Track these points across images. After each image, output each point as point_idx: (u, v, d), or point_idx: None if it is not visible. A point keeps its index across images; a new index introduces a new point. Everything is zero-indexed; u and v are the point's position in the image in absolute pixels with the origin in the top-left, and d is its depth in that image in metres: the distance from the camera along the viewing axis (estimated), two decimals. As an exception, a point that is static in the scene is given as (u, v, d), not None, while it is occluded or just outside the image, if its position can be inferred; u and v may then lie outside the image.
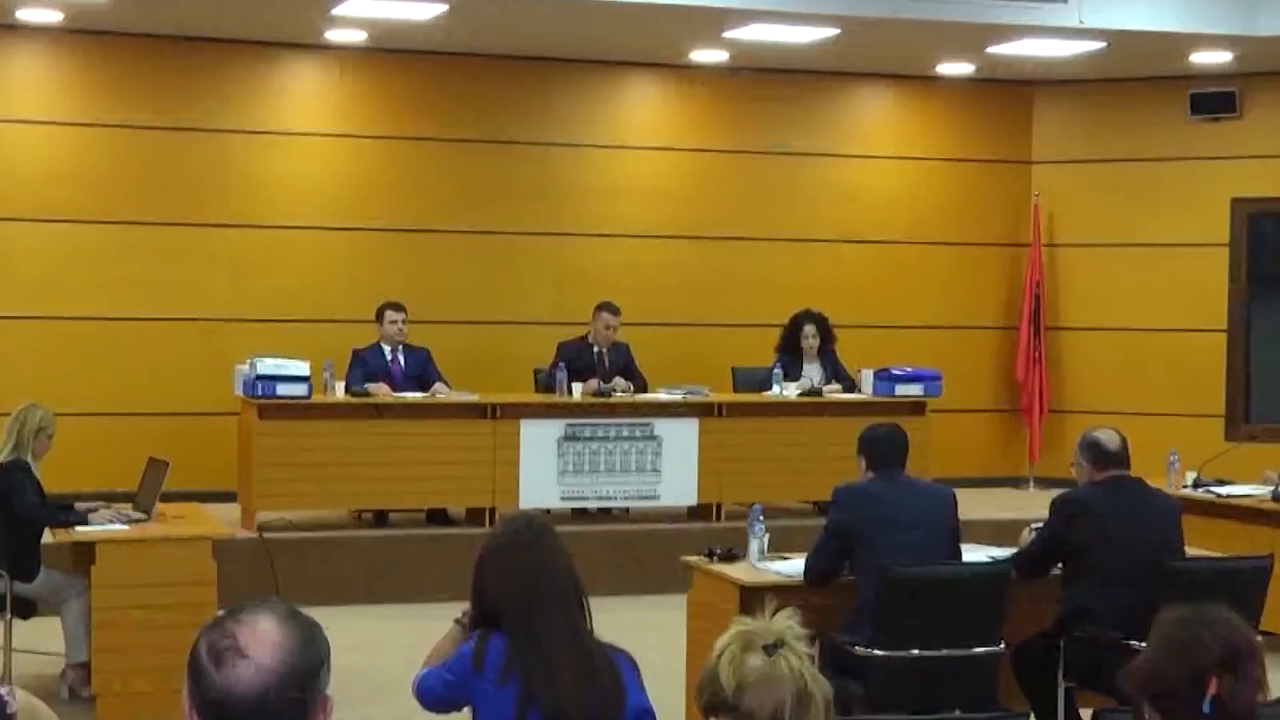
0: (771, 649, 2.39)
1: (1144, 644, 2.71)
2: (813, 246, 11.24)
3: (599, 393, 9.28)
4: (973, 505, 9.02)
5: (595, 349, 9.68)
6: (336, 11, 9.31)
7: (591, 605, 3.39)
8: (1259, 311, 11.21)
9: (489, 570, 3.37)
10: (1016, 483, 11.47)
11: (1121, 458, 5.60)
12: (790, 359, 9.91)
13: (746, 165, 11.17)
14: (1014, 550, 5.85)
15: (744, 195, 11.16)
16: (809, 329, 9.93)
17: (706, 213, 11.07)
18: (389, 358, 9.31)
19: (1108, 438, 5.62)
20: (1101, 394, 11.36)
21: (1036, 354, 11.38)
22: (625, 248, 10.91)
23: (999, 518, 9.40)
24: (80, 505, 6.72)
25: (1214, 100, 11.06)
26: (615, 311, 9.66)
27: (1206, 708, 2.51)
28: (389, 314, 9.29)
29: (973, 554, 5.87)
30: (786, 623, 2.43)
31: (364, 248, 10.47)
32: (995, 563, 5.65)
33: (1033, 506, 9.07)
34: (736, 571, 5.72)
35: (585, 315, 9.79)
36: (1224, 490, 7.94)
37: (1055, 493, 5.86)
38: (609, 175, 10.92)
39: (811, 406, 9.60)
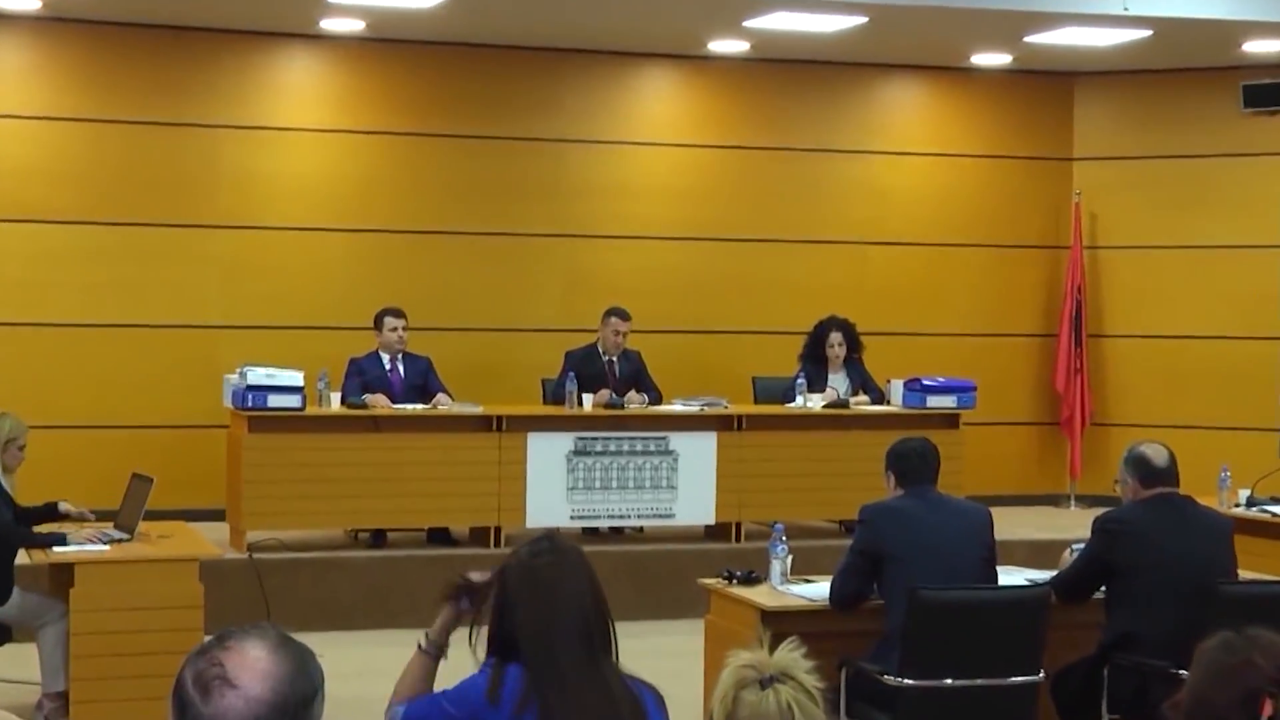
0: (766, 683, 2.45)
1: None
2: (839, 248, 11.24)
3: (611, 404, 9.28)
4: (1009, 524, 9.03)
5: (605, 357, 9.68)
6: (332, -1, 9.34)
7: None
8: (1316, 318, 11.18)
9: (507, 592, 3.34)
10: (1056, 500, 11.45)
11: (1169, 474, 5.59)
12: (815, 368, 9.91)
13: (768, 162, 11.18)
14: (1053, 573, 5.84)
15: (765, 194, 11.17)
16: (835, 336, 9.92)
17: (725, 212, 11.08)
18: (388, 367, 9.32)
19: (1155, 453, 5.61)
20: (1147, 406, 11.33)
21: (1078, 363, 11.36)
22: (639, 250, 10.92)
23: (1037, 538, 9.42)
24: (61, 506, 6.75)
25: (1268, 93, 11.02)
26: (625, 316, 9.66)
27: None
28: (388, 320, 9.30)
29: (1010, 576, 5.87)
30: (790, 655, 2.48)
31: (362, 250, 10.49)
32: (1034, 585, 5.65)
33: (1074, 526, 9.08)
34: (757, 595, 5.72)
35: (596, 321, 9.79)
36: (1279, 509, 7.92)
37: (1098, 511, 5.85)
38: (622, 173, 10.93)
39: (837, 419, 9.59)
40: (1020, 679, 5.30)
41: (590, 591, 3.30)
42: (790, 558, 5.91)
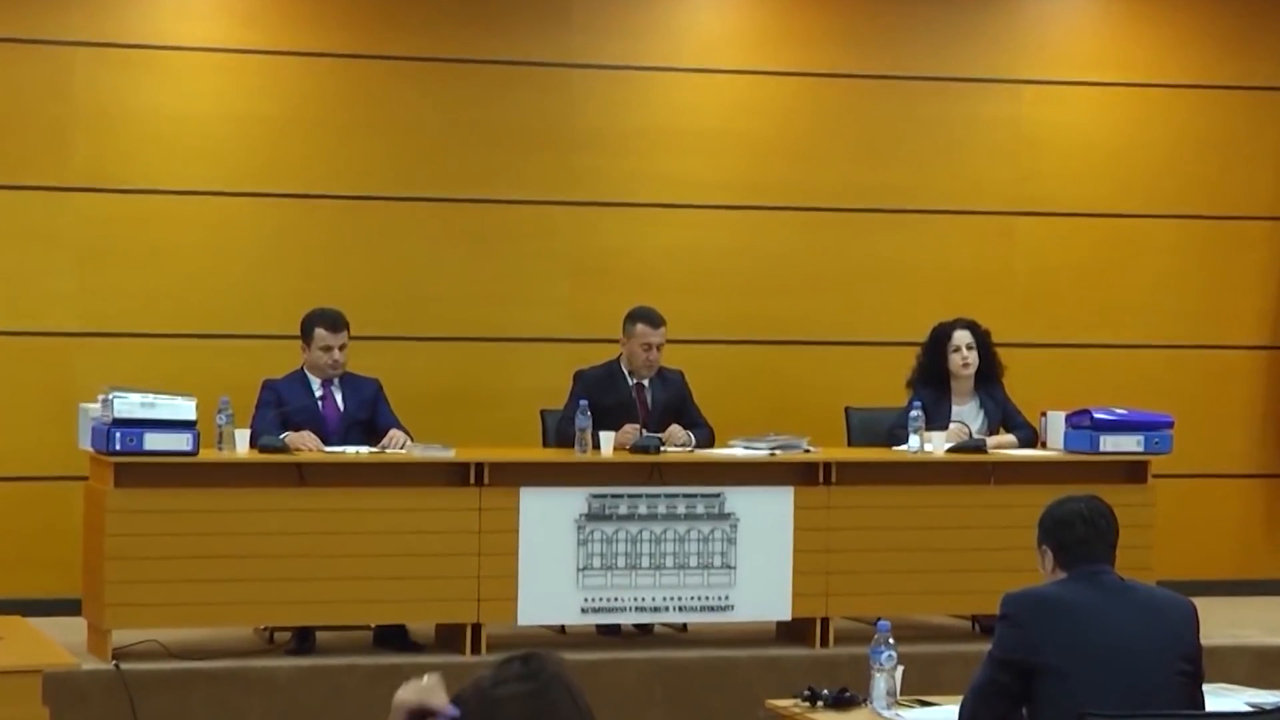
0: None
1: None
2: (970, 221, 11.23)
3: (640, 446, 9.28)
4: (1224, 623, 8.98)
5: (632, 380, 9.70)
6: None
7: None
8: None
9: None
10: (1291, 589, 11.44)
11: None
12: (934, 394, 9.89)
13: (869, 97, 11.17)
14: (1288, 693, 5.83)
15: (865, 143, 11.16)
16: (960, 336, 9.90)
17: (805, 170, 11.08)
18: (319, 394, 9.34)
19: None
20: None
21: (1322, 388, 11.34)
22: (680, 223, 10.92)
23: (1265, 643, 9.40)
24: None
25: None
26: (657, 322, 9.65)
27: None
28: (320, 332, 9.30)
29: (1223, 698, 5.86)
30: None
31: (281, 224, 10.51)
32: (1259, 713, 5.62)
33: (1316, 625, 9.05)
34: (853, 724, 5.72)
35: (617, 328, 9.79)
36: None
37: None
38: (656, 112, 10.94)
39: (968, 469, 9.59)
40: (1237, 847, 5.28)
41: None
42: (901, 669, 5.91)
